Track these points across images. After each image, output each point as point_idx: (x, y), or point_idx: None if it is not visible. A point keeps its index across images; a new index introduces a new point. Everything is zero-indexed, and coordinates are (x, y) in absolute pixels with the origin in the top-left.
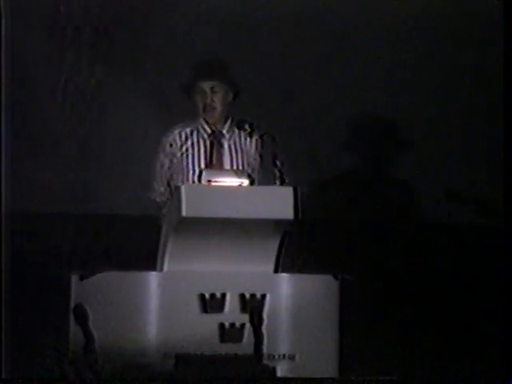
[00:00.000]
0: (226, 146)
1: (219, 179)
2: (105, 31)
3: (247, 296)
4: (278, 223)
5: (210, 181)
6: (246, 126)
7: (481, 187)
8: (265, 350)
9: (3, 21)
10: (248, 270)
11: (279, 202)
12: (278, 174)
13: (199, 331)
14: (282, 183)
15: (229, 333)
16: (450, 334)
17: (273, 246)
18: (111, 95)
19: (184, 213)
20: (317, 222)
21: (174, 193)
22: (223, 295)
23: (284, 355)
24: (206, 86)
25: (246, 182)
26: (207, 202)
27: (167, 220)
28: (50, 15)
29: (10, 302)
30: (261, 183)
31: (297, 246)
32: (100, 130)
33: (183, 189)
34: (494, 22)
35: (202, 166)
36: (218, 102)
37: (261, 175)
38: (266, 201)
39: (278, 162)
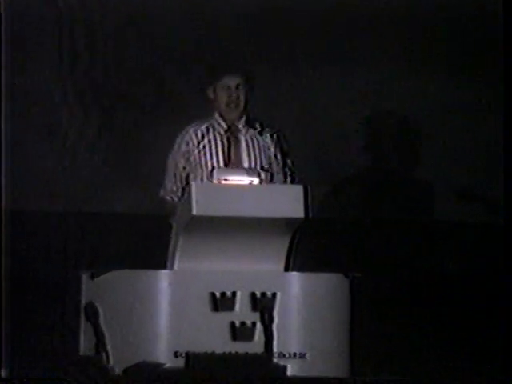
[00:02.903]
0: (243, 140)
1: (230, 178)
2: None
3: (258, 295)
4: (288, 222)
5: (220, 179)
6: (257, 125)
7: (486, 185)
8: (276, 348)
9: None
10: (259, 268)
11: (290, 201)
12: (288, 172)
13: (210, 330)
14: (293, 181)
15: (239, 331)
16: (462, 333)
17: (283, 244)
18: (115, 96)
19: (194, 211)
20: (327, 220)
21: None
22: (234, 294)
23: (295, 354)
24: (232, 82)
25: (256, 180)
26: (218, 201)
27: (178, 218)
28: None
29: (10, 302)
30: (271, 181)
31: (307, 245)
32: (102, 130)
33: (194, 187)
34: (495, 19)
35: (221, 162)
36: (242, 99)
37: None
38: (277, 199)
39: (288, 161)
